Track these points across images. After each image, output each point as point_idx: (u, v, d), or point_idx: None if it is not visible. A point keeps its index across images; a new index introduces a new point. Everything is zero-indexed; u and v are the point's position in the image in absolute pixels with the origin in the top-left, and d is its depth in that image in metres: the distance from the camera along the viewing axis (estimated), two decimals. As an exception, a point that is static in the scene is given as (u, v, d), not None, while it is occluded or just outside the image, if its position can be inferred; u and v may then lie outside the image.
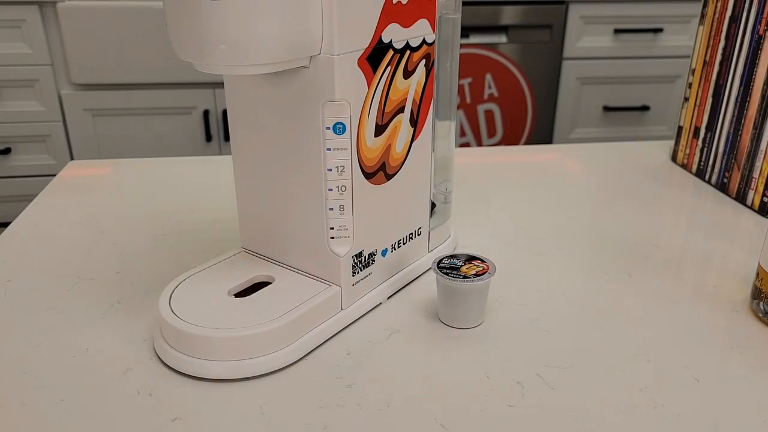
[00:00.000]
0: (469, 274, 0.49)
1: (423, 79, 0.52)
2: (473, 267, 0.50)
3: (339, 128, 0.45)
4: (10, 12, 1.62)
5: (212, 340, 0.44)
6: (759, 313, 0.52)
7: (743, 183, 0.74)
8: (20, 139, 1.76)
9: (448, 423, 0.41)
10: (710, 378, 0.45)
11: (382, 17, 0.46)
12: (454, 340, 0.49)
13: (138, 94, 1.75)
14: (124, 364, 0.46)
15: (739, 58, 0.74)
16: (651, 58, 1.94)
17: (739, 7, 0.74)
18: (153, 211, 0.71)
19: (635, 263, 0.61)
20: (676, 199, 0.78)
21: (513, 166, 0.89)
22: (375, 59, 0.46)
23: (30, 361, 0.46)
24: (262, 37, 0.40)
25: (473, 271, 0.50)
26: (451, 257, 0.52)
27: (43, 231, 0.67)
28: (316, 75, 0.44)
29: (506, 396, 0.43)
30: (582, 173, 0.86)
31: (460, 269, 0.50)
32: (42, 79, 1.70)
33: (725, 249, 0.64)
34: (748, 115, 0.73)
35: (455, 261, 0.51)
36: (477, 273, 0.49)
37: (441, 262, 0.51)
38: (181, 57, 0.42)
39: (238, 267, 0.53)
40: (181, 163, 0.91)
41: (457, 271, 0.50)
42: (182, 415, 0.41)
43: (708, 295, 0.56)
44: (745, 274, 0.59)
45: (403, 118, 0.51)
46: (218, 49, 0.40)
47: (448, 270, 0.50)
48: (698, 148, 0.82)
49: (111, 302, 0.53)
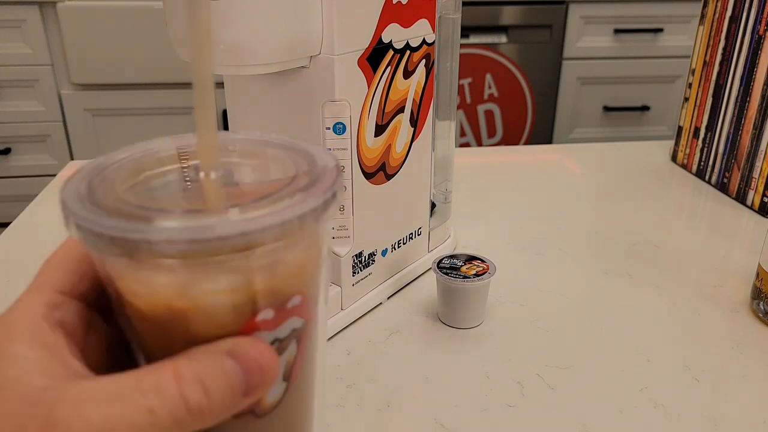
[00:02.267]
0: (469, 274, 0.49)
1: (423, 79, 0.52)
2: (473, 267, 0.50)
3: (339, 128, 0.45)
4: (10, 12, 1.62)
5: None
6: (759, 314, 0.52)
7: (743, 183, 0.74)
8: (20, 139, 1.76)
9: (448, 423, 0.41)
10: (710, 378, 0.45)
11: (382, 17, 0.46)
12: (454, 340, 0.49)
13: (138, 94, 1.75)
14: (125, 364, 0.46)
15: (739, 58, 0.74)
16: (651, 58, 1.94)
17: (739, 7, 0.74)
18: (153, 211, 0.71)
19: (635, 263, 0.61)
20: (676, 200, 0.78)
21: (513, 166, 0.89)
22: (375, 59, 0.46)
23: (30, 361, 0.46)
24: (262, 37, 0.40)
25: (473, 271, 0.50)
26: (451, 257, 0.52)
27: (43, 231, 0.67)
28: (316, 75, 0.44)
29: (506, 396, 0.43)
30: (582, 173, 0.86)
31: (460, 269, 0.50)
32: (42, 79, 1.70)
33: (725, 249, 0.64)
34: (748, 115, 0.73)
35: (455, 261, 0.51)
36: (477, 273, 0.49)
37: (441, 262, 0.51)
38: (182, 57, 0.42)
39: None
40: (181, 163, 0.91)
41: (457, 271, 0.50)
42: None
43: (708, 295, 0.56)
44: (746, 274, 0.59)
45: (403, 118, 0.51)
46: (218, 49, 0.40)
47: (448, 270, 0.50)
48: (698, 148, 0.82)
49: (111, 302, 0.53)
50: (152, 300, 0.21)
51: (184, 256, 0.19)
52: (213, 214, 0.20)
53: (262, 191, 0.21)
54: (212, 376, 0.19)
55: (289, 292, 0.23)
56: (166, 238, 0.19)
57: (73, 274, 0.22)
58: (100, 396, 0.18)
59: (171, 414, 0.18)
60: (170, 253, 0.19)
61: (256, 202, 0.21)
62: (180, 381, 0.19)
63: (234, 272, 0.21)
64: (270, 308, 0.22)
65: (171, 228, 0.19)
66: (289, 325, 0.23)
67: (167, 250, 0.19)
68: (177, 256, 0.19)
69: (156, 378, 0.19)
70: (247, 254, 0.20)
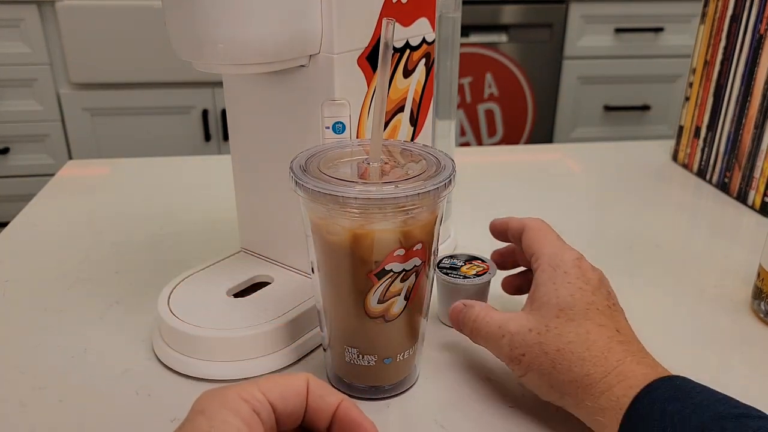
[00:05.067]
0: (470, 274, 0.49)
1: (423, 78, 0.52)
2: (474, 267, 0.50)
3: (338, 127, 0.45)
4: (8, 11, 1.62)
5: (211, 340, 0.44)
6: (760, 314, 0.52)
7: (744, 183, 0.73)
8: (18, 139, 1.75)
9: (447, 423, 0.41)
10: (710, 378, 0.45)
11: (382, 16, 0.46)
12: (454, 340, 0.49)
13: (137, 94, 1.74)
14: (123, 364, 0.46)
15: (740, 57, 0.74)
16: (652, 57, 1.94)
17: (739, 7, 0.74)
18: (152, 210, 0.71)
19: (636, 263, 0.61)
20: (677, 199, 0.77)
21: (513, 165, 0.89)
22: (375, 58, 0.46)
23: (28, 361, 0.46)
24: (261, 36, 0.40)
25: (473, 271, 0.49)
26: (451, 257, 0.52)
27: (41, 231, 0.67)
28: (316, 74, 0.44)
29: (507, 396, 0.43)
30: (582, 173, 0.86)
31: (460, 269, 0.50)
32: (40, 79, 1.70)
33: (726, 249, 0.64)
34: (749, 114, 0.72)
35: (455, 261, 0.51)
36: (477, 273, 0.49)
37: (441, 262, 0.51)
38: (180, 56, 0.42)
39: (237, 267, 0.52)
40: (180, 162, 0.91)
41: (457, 271, 0.49)
42: (181, 415, 0.41)
43: (709, 295, 0.56)
44: (746, 274, 0.58)
45: (402, 117, 0.51)
46: (217, 48, 0.40)
47: (449, 270, 0.50)
48: (699, 148, 0.82)
49: (110, 302, 0.53)
50: (341, 232, 0.36)
51: (361, 208, 0.35)
52: (376, 187, 0.35)
53: (406, 176, 0.37)
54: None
55: (416, 239, 0.37)
56: (352, 196, 0.34)
57: (283, 399, 0.28)
58: None
59: None
60: (354, 205, 0.34)
61: (404, 181, 0.36)
62: None
63: (388, 221, 0.36)
64: (402, 248, 0.37)
65: (354, 191, 0.34)
66: (412, 261, 0.38)
67: (352, 203, 0.34)
68: (357, 207, 0.35)
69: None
70: (397, 211, 0.35)
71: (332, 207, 0.35)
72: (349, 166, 0.40)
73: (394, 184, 0.35)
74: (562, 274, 0.40)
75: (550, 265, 0.41)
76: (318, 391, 0.28)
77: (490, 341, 0.41)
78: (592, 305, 0.39)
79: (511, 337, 0.39)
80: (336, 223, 0.36)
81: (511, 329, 0.39)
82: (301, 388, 0.28)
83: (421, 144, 0.43)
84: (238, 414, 0.26)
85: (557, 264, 0.40)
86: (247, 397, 0.27)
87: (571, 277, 0.40)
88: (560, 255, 0.41)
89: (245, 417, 0.26)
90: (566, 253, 0.41)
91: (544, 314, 0.39)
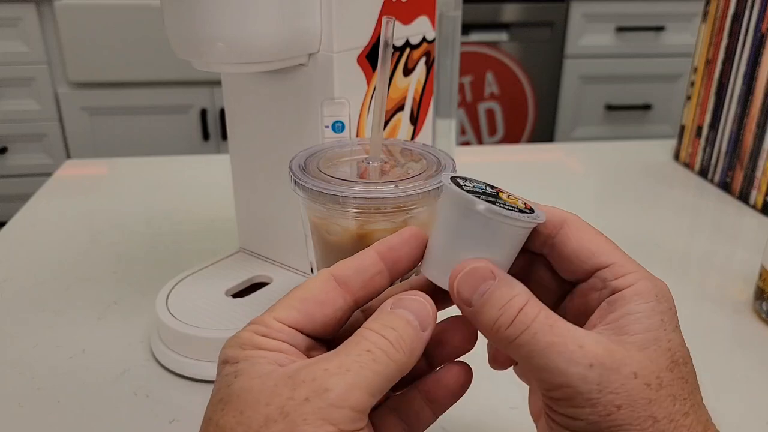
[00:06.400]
0: (517, 205, 0.28)
1: (423, 77, 0.51)
2: (513, 198, 0.29)
3: (338, 127, 0.45)
4: (6, 10, 1.62)
5: (210, 341, 0.44)
6: (762, 314, 0.51)
7: (746, 182, 0.73)
8: (17, 138, 1.75)
9: (448, 423, 0.40)
10: (712, 378, 0.45)
11: (382, 14, 0.45)
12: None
13: (135, 93, 1.74)
14: (121, 365, 0.45)
15: (741, 56, 0.74)
16: (653, 56, 1.94)
17: (741, 5, 0.73)
18: (150, 210, 0.71)
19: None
20: (679, 199, 0.77)
21: (514, 165, 0.89)
22: (375, 57, 0.46)
23: (26, 361, 0.46)
24: (260, 34, 0.40)
25: (520, 204, 0.28)
26: (464, 179, 0.29)
27: (39, 230, 0.66)
28: (315, 73, 0.44)
29: (507, 397, 0.43)
30: (583, 172, 0.85)
31: (498, 195, 0.28)
32: (38, 78, 1.70)
33: (728, 249, 0.64)
34: (751, 113, 0.72)
35: (479, 185, 0.29)
36: (526, 207, 0.28)
37: (456, 179, 0.29)
38: (179, 55, 0.42)
39: (236, 267, 0.52)
40: (179, 162, 0.91)
41: (497, 199, 0.27)
42: (179, 416, 0.41)
43: (710, 295, 0.56)
44: (748, 274, 0.58)
45: (403, 116, 0.51)
46: (216, 46, 0.40)
47: (481, 195, 0.27)
48: (701, 147, 0.82)
49: (108, 303, 0.53)
50: (341, 231, 0.36)
51: (360, 207, 0.34)
52: (376, 186, 0.35)
53: (406, 175, 0.37)
54: (396, 324, 0.26)
55: None
56: (352, 196, 0.34)
57: (306, 315, 0.27)
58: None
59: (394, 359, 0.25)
60: (353, 205, 0.34)
61: (404, 181, 0.35)
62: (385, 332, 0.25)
63: (388, 221, 0.35)
64: None
65: (354, 191, 0.34)
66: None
67: (352, 203, 0.34)
68: (357, 207, 0.34)
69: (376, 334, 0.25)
70: (397, 211, 0.35)
71: (332, 207, 0.35)
72: (349, 166, 0.40)
73: (393, 183, 0.35)
74: (669, 311, 0.26)
75: (656, 295, 0.26)
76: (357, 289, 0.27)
77: (552, 358, 0.24)
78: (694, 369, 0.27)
79: (604, 373, 0.24)
80: (335, 223, 0.36)
81: (603, 360, 0.24)
82: (326, 294, 0.27)
83: (422, 143, 0.42)
84: (261, 348, 0.25)
85: (663, 295, 0.27)
86: (263, 331, 0.26)
87: (677, 320, 0.27)
88: (661, 284, 0.27)
89: (270, 349, 0.25)
90: (664, 283, 0.28)
91: (653, 359, 0.25)
